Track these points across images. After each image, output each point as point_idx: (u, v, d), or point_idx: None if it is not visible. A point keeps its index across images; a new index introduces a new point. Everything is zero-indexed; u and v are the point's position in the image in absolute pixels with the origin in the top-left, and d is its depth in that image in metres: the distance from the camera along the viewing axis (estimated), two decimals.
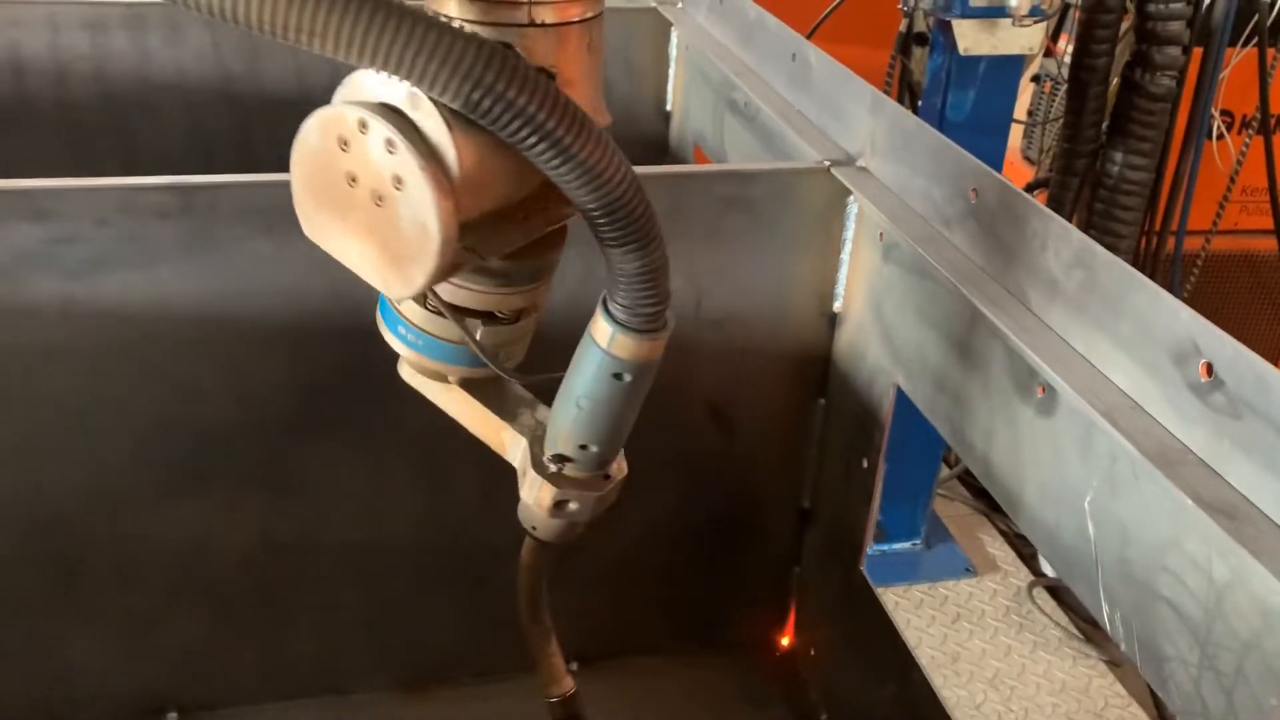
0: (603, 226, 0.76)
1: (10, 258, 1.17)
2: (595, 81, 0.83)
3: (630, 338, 0.84)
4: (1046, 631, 2.77)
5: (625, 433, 0.92)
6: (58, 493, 1.31)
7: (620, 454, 0.98)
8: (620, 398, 0.88)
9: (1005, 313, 1.03)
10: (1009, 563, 3.03)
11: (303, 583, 1.45)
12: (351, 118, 0.74)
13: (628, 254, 0.78)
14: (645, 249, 0.78)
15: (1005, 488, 1.06)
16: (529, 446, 0.98)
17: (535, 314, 0.98)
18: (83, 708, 1.47)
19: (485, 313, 0.91)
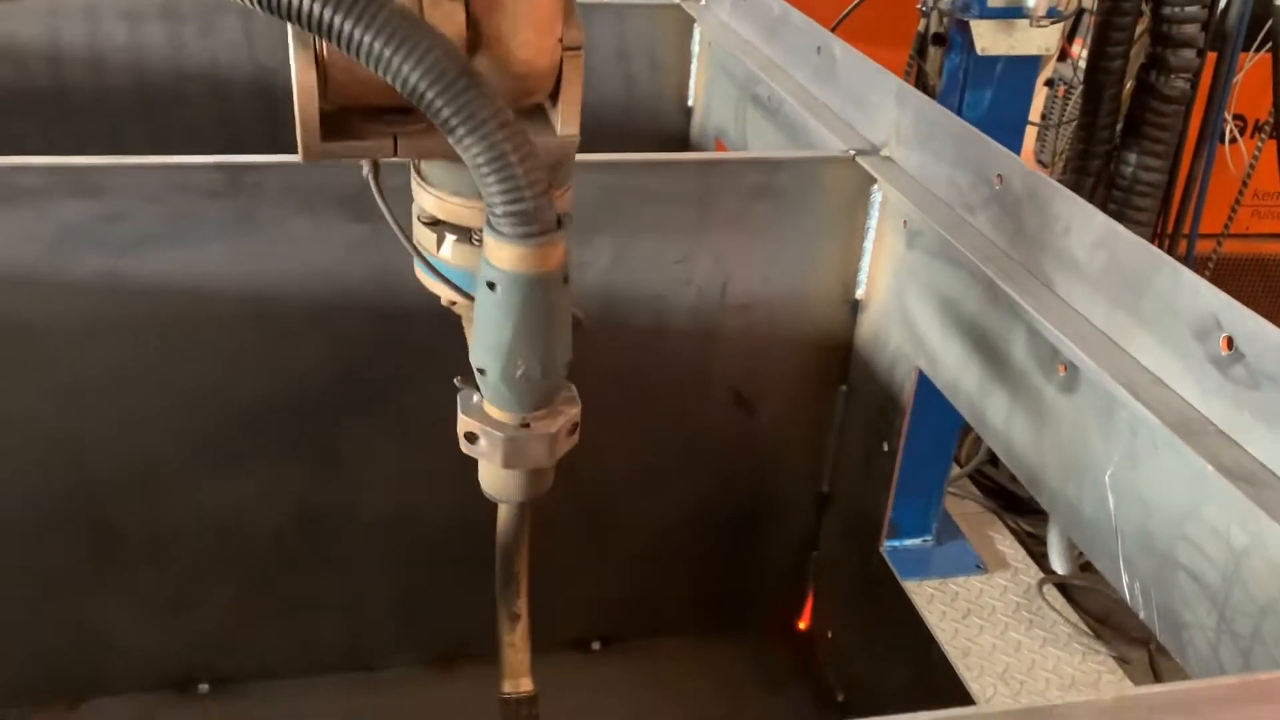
0: (429, 108, 0.72)
1: (59, 233, 1.20)
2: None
3: (494, 240, 0.78)
4: (1056, 628, 2.80)
5: (513, 362, 0.86)
6: (97, 464, 1.35)
7: (557, 406, 0.94)
8: (494, 312, 0.82)
9: (1028, 294, 1.06)
10: (1019, 560, 3.06)
11: (335, 559, 1.49)
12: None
13: (463, 139, 0.73)
14: (477, 131, 0.72)
15: (1026, 466, 1.09)
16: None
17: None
18: (115, 679, 1.50)
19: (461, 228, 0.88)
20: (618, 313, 1.41)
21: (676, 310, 1.42)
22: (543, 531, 1.55)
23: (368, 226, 1.27)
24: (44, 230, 1.19)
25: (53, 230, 1.20)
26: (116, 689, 1.50)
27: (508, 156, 0.73)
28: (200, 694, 1.54)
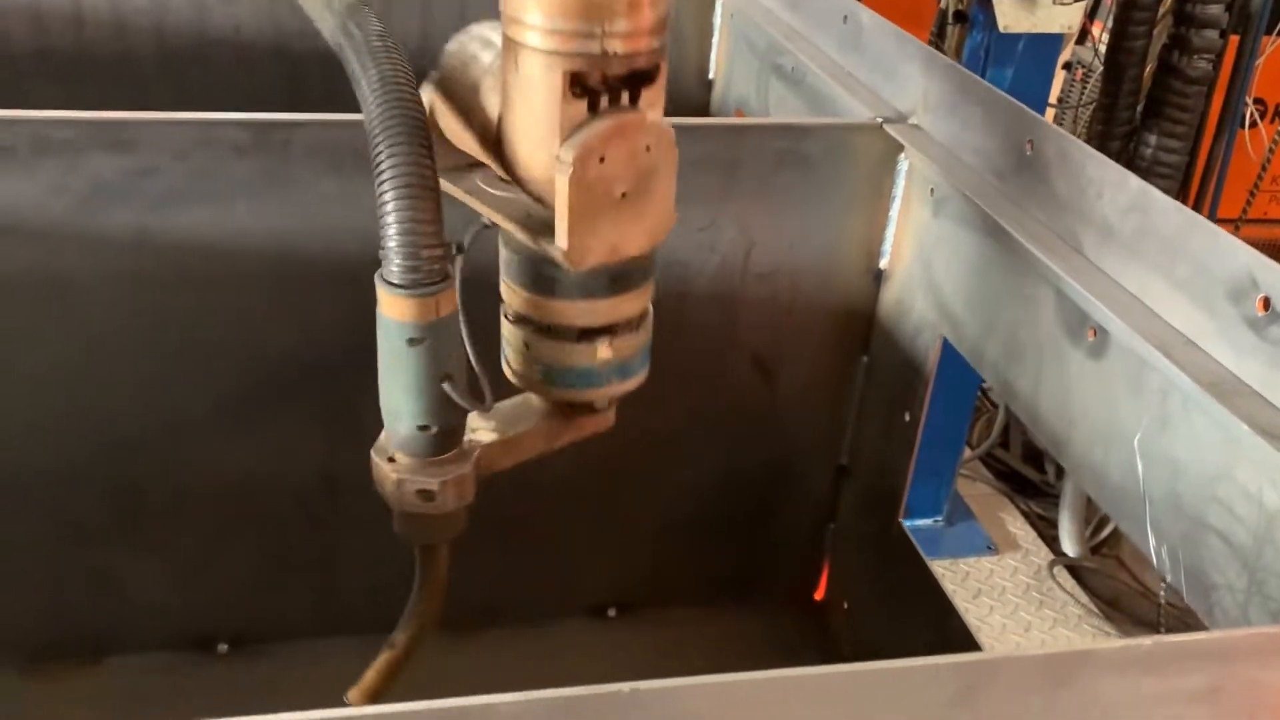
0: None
1: (90, 187, 1.21)
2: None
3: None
4: (1066, 609, 2.81)
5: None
6: (121, 420, 1.35)
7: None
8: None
9: (1058, 258, 1.06)
10: (1030, 542, 3.07)
11: (356, 521, 1.49)
12: None
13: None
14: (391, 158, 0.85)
15: (1052, 431, 1.10)
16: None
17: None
18: (135, 637, 1.51)
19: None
20: None
21: (699, 277, 1.42)
22: (559, 499, 1.56)
23: None
24: (76, 184, 1.20)
25: (84, 184, 1.20)
26: (138, 646, 1.51)
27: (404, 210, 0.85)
28: (221, 653, 1.55)
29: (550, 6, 0.79)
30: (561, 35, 0.80)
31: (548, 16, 0.79)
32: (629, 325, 0.99)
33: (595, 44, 0.80)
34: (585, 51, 0.80)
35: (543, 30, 0.80)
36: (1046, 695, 0.60)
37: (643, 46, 0.81)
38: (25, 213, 1.21)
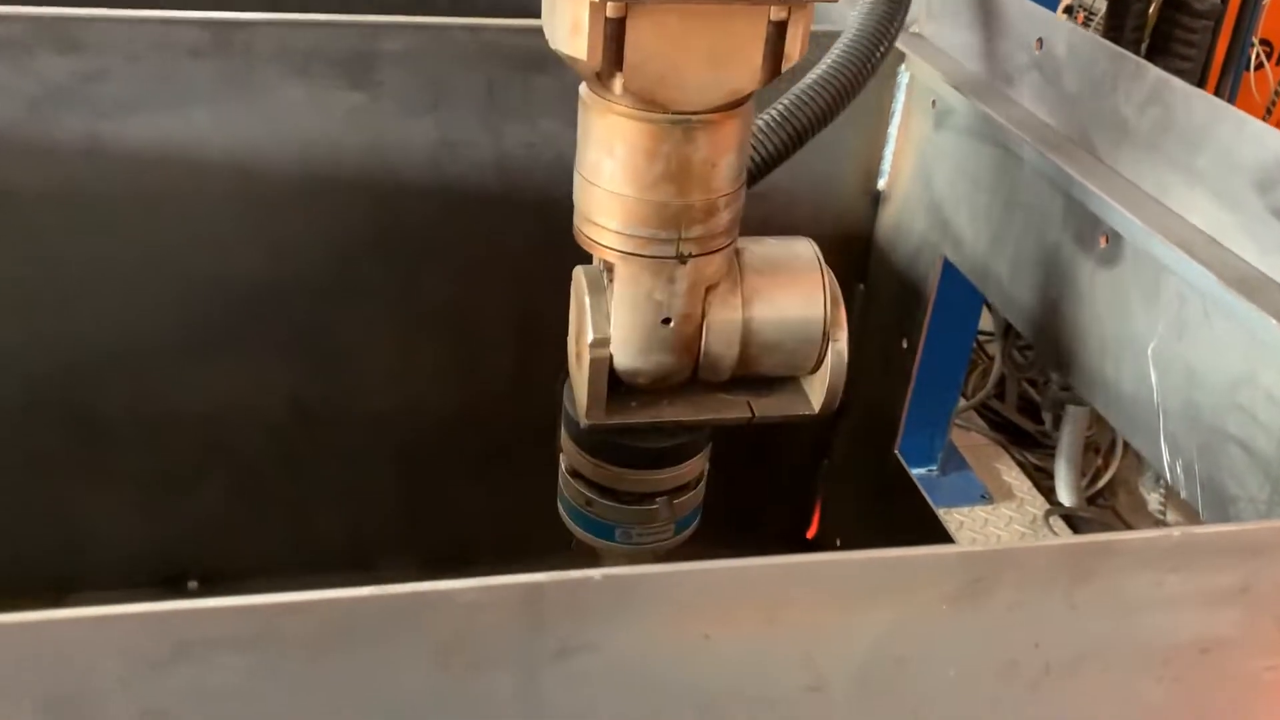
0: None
1: (39, 91, 1.13)
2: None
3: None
4: None
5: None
6: (77, 344, 1.29)
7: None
8: None
9: (1069, 162, 0.99)
10: (1025, 491, 3.01)
11: (331, 454, 1.43)
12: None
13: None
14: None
15: (1060, 347, 1.04)
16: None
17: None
18: (100, 573, 1.45)
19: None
20: None
21: None
22: (547, 439, 1.50)
23: (365, 94, 1.20)
24: (21, 87, 1.12)
25: (30, 87, 1.13)
26: (104, 583, 1.45)
27: None
28: (190, 590, 1.49)
29: None
30: None
31: None
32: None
33: None
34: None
35: None
36: (1062, 590, 0.54)
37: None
38: None
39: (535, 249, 1.35)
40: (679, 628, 0.50)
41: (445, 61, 1.21)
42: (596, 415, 0.88)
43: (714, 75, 0.74)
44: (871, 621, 0.52)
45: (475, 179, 1.28)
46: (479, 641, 0.52)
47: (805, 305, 0.89)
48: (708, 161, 0.79)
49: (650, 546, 0.99)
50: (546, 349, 1.42)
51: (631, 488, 0.95)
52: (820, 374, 0.91)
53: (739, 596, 0.51)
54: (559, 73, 1.24)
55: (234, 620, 0.50)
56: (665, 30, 0.71)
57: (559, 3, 0.72)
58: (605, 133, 0.79)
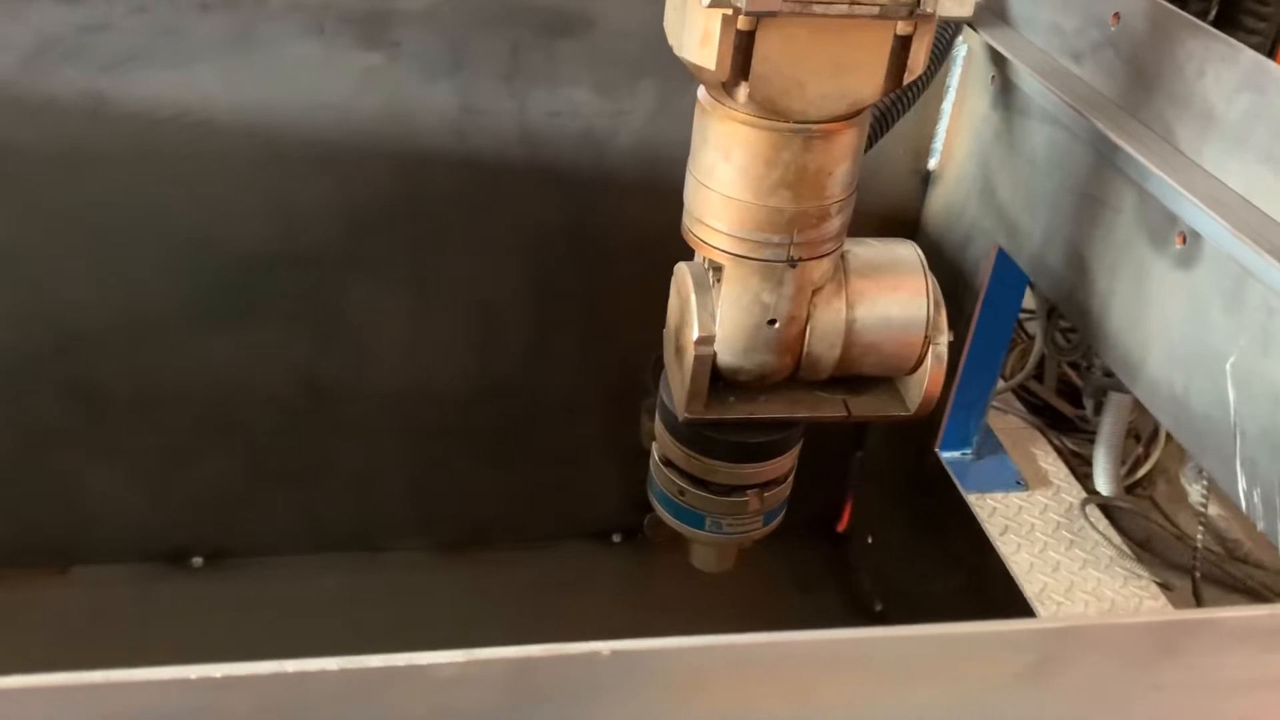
0: None
1: (36, 43, 1.06)
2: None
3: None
4: (1098, 550, 2.68)
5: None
6: (80, 310, 1.23)
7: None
8: None
9: (1144, 151, 0.90)
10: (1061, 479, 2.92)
11: (342, 431, 1.37)
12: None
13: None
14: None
15: (1123, 352, 0.95)
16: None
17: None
18: (103, 548, 1.41)
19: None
20: (656, 171, 1.26)
21: None
22: (564, 420, 1.43)
23: (382, 55, 1.13)
24: (19, 38, 1.06)
25: (28, 39, 1.06)
26: (106, 556, 1.40)
27: None
28: (194, 567, 1.44)
29: None
30: None
31: None
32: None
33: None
34: None
35: None
36: (1143, 669, 0.46)
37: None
38: None
39: (557, 224, 1.28)
40: (695, 710, 0.43)
41: (467, 22, 1.13)
42: (696, 410, 0.88)
43: (837, 86, 0.75)
44: (920, 702, 0.45)
45: (497, 148, 1.20)
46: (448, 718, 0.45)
47: (908, 308, 0.88)
48: (824, 170, 0.79)
49: (738, 537, 1.00)
50: (566, 327, 1.36)
51: (724, 480, 0.96)
52: (918, 375, 0.91)
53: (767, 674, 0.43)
54: (587, 37, 1.17)
55: (170, 694, 0.43)
56: (793, 43, 0.72)
57: (689, 14, 0.73)
58: (724, 138, 0.80)
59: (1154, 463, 3.22)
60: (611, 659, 0.42)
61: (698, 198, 0.84)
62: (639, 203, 1.27)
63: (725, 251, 0.83)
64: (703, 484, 0.97)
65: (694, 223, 0.85)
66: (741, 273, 0.84)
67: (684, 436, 0.95)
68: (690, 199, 0.85)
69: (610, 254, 1.31)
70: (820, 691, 0.43)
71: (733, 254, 0.83)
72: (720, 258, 0.84)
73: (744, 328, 0.86)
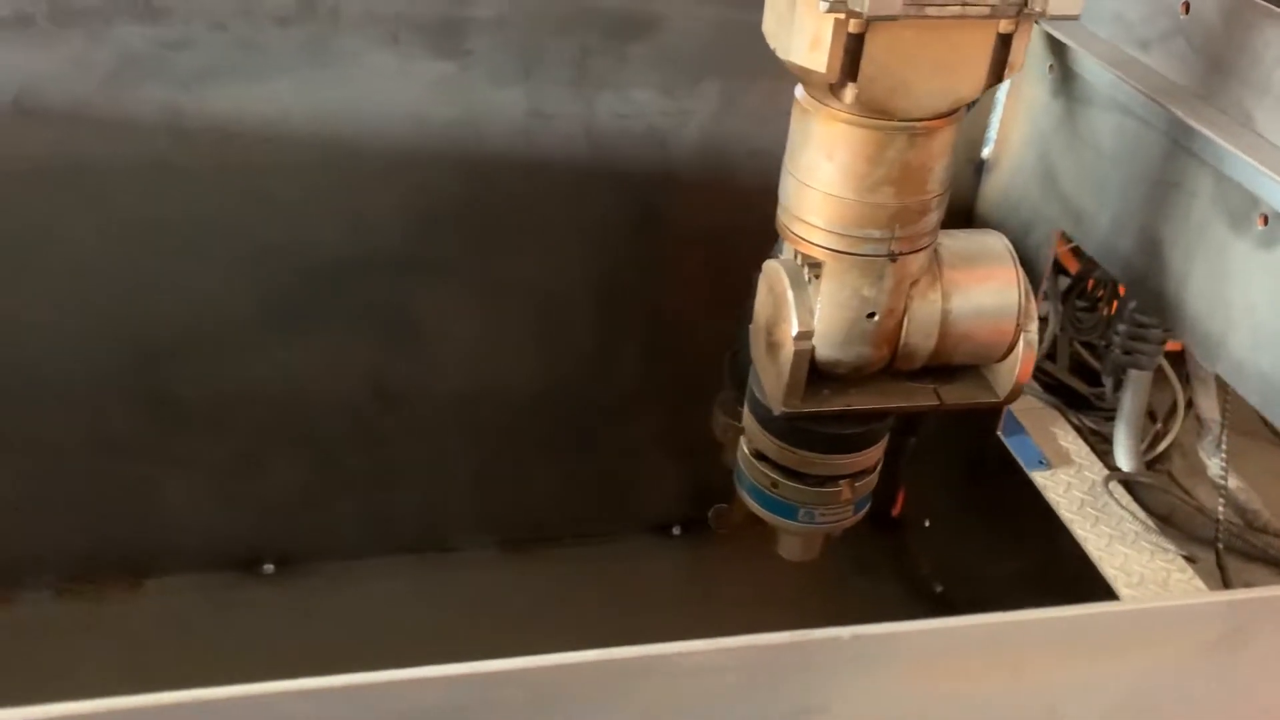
0: None
1: (117, 61, 1.08)
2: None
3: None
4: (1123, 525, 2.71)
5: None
6: (154, 323, 1.24)
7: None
8: None
9: (1223, 135, 0.93)
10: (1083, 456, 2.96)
11: (409, 434, 1.39)
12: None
13: None
14: None
15: (1203, 333, 0.98)
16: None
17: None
18: (176, 557, 1.42)
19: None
20: (719, 169, 1.28)
21: None
22: (624, 416, 1.45)
23: (454, 63, 1.15)
24: (102, 58, 1.07)
25: (110, 58, 1.07)
26: (180, 567, 1.42)
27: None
28: (266, 574, 1.46)
29: None
30: None
31: None
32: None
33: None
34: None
35: None
36: None
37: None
38: (45, 91, 1.08)
39: (620, 223, 1.30)
40: (919, 685, 0.46)
41: (536, 28, 1.15)
42: (793, 404, 0.90)
43: (941, 85, 0.77)
44: (1118, 672, 0.47)
45: (565, 151, 1.22)
46: (695, 710, 0.47)
47: (1000, 297, 0.90)
48: (925, 166, 0.82)
49: (828, 526, 1.03)
50: (628, 324, 1.38)
51: (818, 471, 0.98)
52: (1009, 363, 0.93)
53: (982, 652, 0.46)
54: (652, 39, 1.19)
55: (439, 691, 0.45)
56: (901, 44, 0.74)
57: (799, 19, 0.75)
58: (828, 138, 0.81)
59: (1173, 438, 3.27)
60: (852, 642, 0.44)
61: (797, 196, 0.86)
62: (701, 200, 1.29)
63: (826, 248, 0.85)
64: (796, 475, 0.99)
65: (792, 220, 0.87)
66: (842, 268, 0.86)
67: (778, 430, 0.97)
68: (789, 197, 0.87)
69: (672, 251, 1.33)
70: (1034, 668, 0.46)
71: (834, 250, 0.85)
72: (820, 254, 0.86)
73: (843, 322, 0.88)
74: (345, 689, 0.45)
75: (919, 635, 0.46)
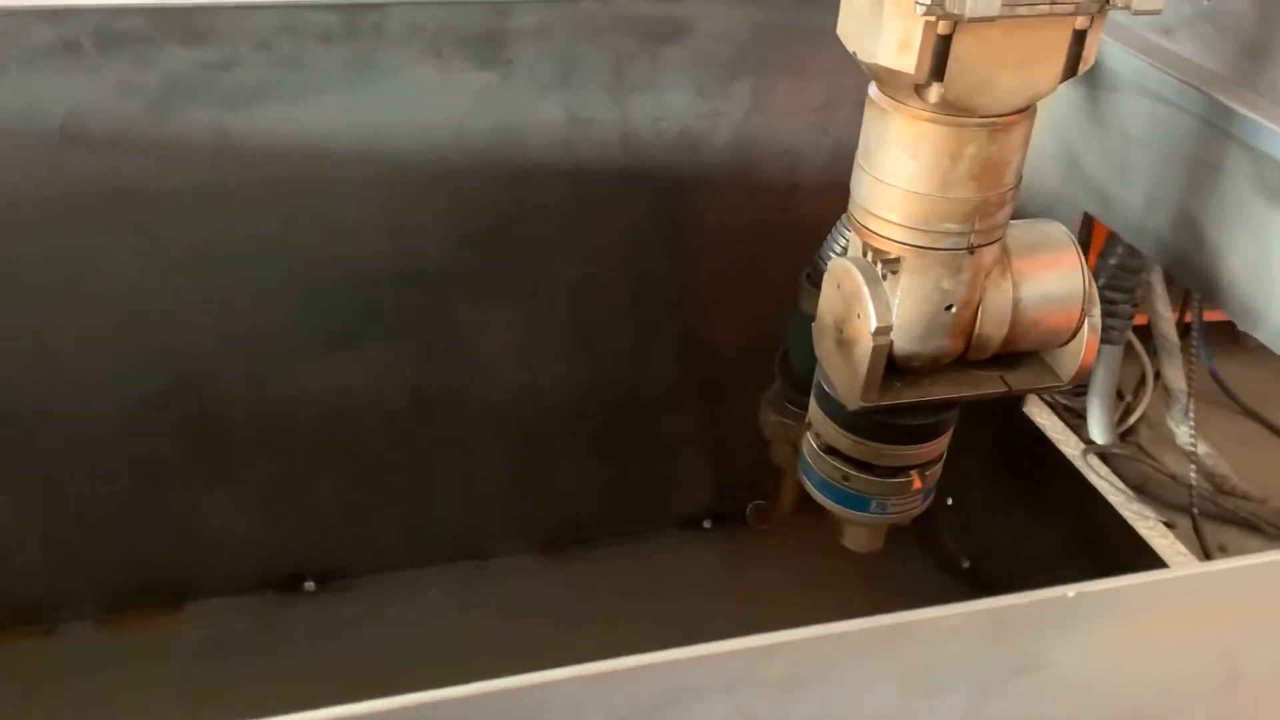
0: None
1: (162, 84, 1.07)
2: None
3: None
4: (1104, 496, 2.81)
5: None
6: (199, 345, 1.24)
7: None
8: None
9: (1258, 113, 0.98)
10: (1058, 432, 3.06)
11: (448, 443, 1.40)
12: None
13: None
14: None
15: (1241, 301, 1.03)
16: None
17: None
18: (216, 579, 1.41)
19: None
20: (750, 168, 1.31)
21: (810, 167, 1.33)
22: (656, 415, 1.48)
23: (495, 74, 1.16)
24: (147, 82, 1.07)
25: (157, 82, 1.07)
26: (220, 589, 1.41)
27: None
28: (307, 591, 1.46)
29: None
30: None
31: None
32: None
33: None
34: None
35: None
36: None
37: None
38: (91, 116, 1.07)
39: (654, 225, 1.32)
40: (1122, 639, 0.49)
41: (575, 36, 1.16)
42: (871, 398, 0.91)
43: (1023, 81, 0.80)
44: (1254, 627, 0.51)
45: (601, 156, 1.24)
46: (943, 666, 0.50)
47: (1066, 284, 0.93)
48: (1004, 160, 0.84)
49: (898, 516, 1.05)
50: (662, 323, 1.41)
51: (890, 462, 1.00)
52: (1073, 346, 0.96)
53: (1179, 603, 0.49)
54: (688, 43, 1.21)
55: (715, 667, 0.47)
56: (986, 43, 0.77)
57: (886, 20, 0.77)
58: (909, 137, 0.84)
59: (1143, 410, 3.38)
60: (1076, 600, 0.47)
61: (874, 193, 0.88)
62: (731, 199, 1.32)
63: (906, 244, 0.88)
64: (869, 468, 1.02)
65: (869, 218, 0.90)
66: (923, 263, 0.88)
67: (851, 424, 0.99)
68: (865, 196, 0.90)
69: (703, 250, 1.36)
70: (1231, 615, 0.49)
71: (915, 245, 0.88)
72: (899, 249, 0.88)
73: (923, 315, 0.91)
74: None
75: (1127, 590, 0.49)
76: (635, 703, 0.47)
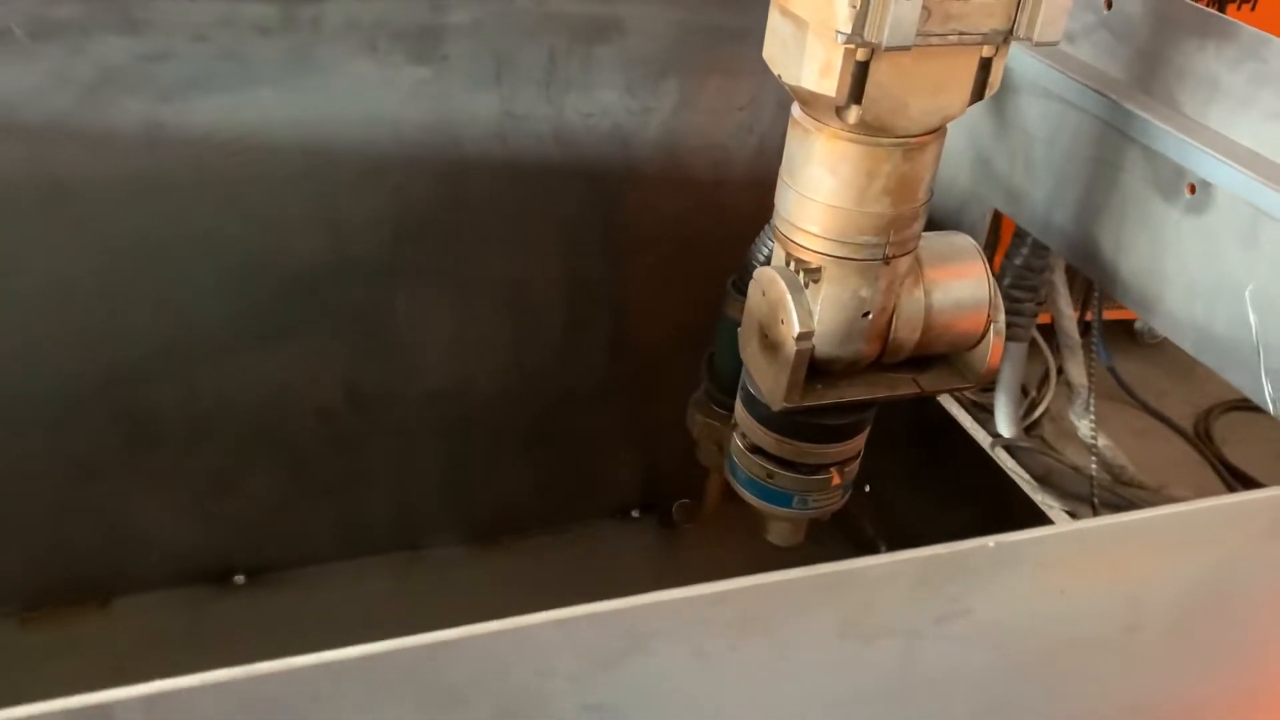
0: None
1: (97, 75, 1.07)
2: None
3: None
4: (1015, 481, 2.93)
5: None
6: (130, 340, 1.23)
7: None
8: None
9: (1151, 114, 1.05)
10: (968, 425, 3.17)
11: (382, 436, 1.41)
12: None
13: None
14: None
15: (1140, 292, 1.10)
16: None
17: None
18: (145, 574, 1.40)
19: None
20: (678, 163, 1.35)
21: (737, 159, 1.37)
22: (588, 408, 1.51)
23: (431, 69, 1.18)
24: (81, 72, 1.06)
25: (90, 72, 1.07)
26: (149, 584, 1.40)
27: None
28: (237, 585, 1.45)
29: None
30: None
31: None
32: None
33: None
34: None
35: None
36: None
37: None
38: (22, 106, 1.07)
39: (586, 218, 1.36)
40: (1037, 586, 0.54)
41: (510, 32, 1.19)
42: (794, 399, 0.96)
43: (934, 104, 0.86)
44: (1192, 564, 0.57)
45: (535, 151, 1.27)
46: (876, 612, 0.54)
47: (975, 291, 1.00)
48: (918, 176, 0.90)
49: (819, 511, 1.11)
50: (594, 317, 1.44)
51: (812, 460, 1.05)
52: (980, 350, 1.02)
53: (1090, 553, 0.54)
54: (619, 42, 1.25)
55: (674, 612, 0.51)
56: (901, 69, 0.82)
57: (808, 48, 0.82)
58: (830, 155, 0.89)
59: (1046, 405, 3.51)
60: (996, 549, 0.52)
61: (799, 208, 0.94)
62: (662, 193, 1.36)
63: (828, 255, 0.94)
64: (791, 466, 1.07)
65: (793, 230, 0.95)
66: (842, 272, 0.94)
67: (775, 424, 1.05)
68: (790, 210, 0.95)
69: (634, 244, 1.39)
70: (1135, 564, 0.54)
71: (835, 256, 0.94)
72: (820, 259, 0.94)
73: (842, 321, 0.97)
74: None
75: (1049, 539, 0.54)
76: (606, 646, 0.50)
